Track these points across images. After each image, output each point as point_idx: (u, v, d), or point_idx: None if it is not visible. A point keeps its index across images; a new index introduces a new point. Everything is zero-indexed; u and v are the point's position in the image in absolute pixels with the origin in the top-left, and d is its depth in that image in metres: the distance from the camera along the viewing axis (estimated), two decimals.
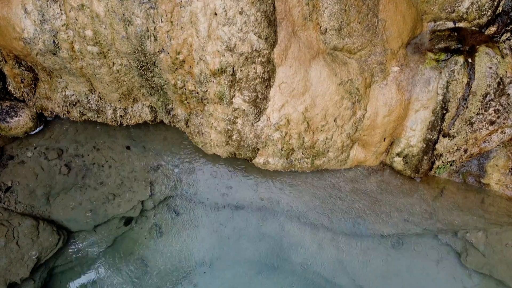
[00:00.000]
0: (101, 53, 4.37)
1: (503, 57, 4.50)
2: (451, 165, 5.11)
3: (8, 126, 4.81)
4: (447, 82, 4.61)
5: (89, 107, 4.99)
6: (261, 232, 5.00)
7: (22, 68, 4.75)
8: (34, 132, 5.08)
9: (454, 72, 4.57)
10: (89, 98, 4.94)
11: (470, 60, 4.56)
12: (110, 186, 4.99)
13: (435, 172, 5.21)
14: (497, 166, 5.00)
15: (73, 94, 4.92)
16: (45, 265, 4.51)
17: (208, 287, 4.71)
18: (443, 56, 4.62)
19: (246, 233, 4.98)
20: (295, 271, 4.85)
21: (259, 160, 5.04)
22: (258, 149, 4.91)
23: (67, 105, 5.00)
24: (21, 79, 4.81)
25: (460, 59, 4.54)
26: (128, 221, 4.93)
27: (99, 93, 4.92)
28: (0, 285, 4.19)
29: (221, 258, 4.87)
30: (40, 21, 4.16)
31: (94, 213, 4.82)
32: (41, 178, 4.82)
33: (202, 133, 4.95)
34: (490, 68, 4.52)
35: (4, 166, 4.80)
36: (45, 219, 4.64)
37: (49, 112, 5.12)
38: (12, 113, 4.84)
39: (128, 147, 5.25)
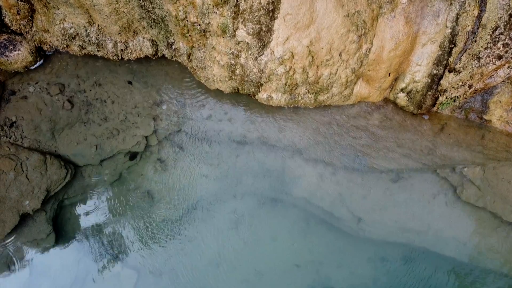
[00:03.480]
0: None
1: None
2: (454, 101, 5.09)
3: (7, 60, 4.73)
4: (457, 14, 4.45)
5: (89, 41, 4.87)
6: (264, 166, 5.11)
7: None
8: (34, 66, 5.01)
9: (465, 4, 4.40)
10: (88, 31, 4.80)
11: None
12: (114, 121, 5.01)
13: (438, 108, 5.21)
14: (500, 102, 4.99)
15: (71, 27, 4.77)
16: (55, 197, 4.67)
17: (212, 220, 4.90)
18: None
19: (249, 168, 5.09)
20: (296, 204, 5.01)
21: (262, 96, 5.01)
22: (261, 84, 4.87)
23: (66, 38, 4.87)
24: (17, 11, 4.64)
25: None
26: (133, 156, 5.02)
27: (98, 25, 4.77)
28: (14, 215, 4.36)
29: (225, 191, 5.01)
30: None
31: (99, 148, 4.89)
32: (45, 113, 4.83)
33: (204, 68, 4.88)
34: None
35: (7, 101, 4.79)
36: (52, 154, 4.72)
37: (48, 46, 5.00)
38: (11, 47, 4.74)
39: (130, 82, 5.20)
